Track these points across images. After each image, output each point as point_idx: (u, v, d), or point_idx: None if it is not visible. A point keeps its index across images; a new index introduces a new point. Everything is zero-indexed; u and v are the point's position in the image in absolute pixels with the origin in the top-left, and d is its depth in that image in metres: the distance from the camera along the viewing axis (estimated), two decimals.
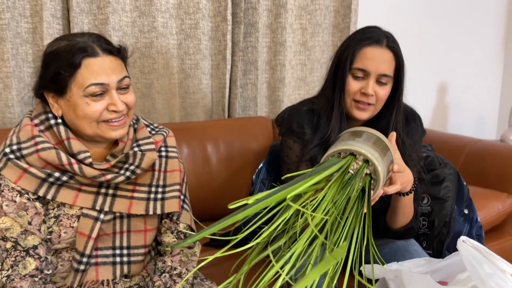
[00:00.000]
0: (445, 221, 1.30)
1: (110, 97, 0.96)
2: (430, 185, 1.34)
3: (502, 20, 2.71)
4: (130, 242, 1.04)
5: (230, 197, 1.62)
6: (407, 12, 2.39)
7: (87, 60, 0.94)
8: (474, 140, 1.89)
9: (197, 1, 1.81)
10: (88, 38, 0.98)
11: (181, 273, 1.05)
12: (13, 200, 0.94)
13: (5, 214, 0.93)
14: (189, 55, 1.87)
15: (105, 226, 1.01)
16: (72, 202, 0.97)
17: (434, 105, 2.64)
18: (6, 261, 0.92)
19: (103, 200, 0.99)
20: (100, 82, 0.94)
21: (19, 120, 1.68)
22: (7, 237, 0.93)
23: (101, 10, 1.69)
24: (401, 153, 1.19)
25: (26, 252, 0.93)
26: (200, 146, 1.63)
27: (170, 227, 1.09)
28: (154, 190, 1.06)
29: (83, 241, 0.97)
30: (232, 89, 1.97)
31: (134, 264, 1.05)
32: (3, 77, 1.61)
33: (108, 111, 0.97)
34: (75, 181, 0.98)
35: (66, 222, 0.98)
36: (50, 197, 0.96)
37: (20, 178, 0.94)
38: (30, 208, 0.95)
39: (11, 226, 0.93)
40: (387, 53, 1.15)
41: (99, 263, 1.02)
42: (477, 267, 0.65)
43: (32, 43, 1.66)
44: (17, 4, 1.61)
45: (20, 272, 0.92)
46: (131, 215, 1.04)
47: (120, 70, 0.98)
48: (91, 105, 0.95)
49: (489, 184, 1.70)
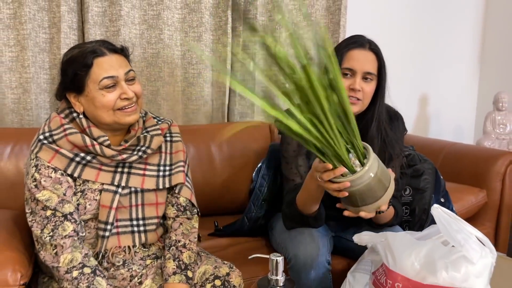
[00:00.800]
0: (424, 209, 1.47)
1: (120, 87, 1.14)
2: (411, 178, 1.51)
3: (478, 36, 2.92)
4: (144, 213, 1.21)
5: (232, 192, 1.80)
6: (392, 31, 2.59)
7: (97, 59, 1.13)
8: (451, 143, 2.08)
9: (201, 16, 1.97)
10: (95, 43, 1.18)
11: (185, 244, 1.21)
12: (49, 176, 1.12)
13: (44, 188, 1.11)
14: (192, 65, 2.02)
15: (123, 199, 1.18)
16: (95, 179, 1.15)
17: (416, 114, 2.82)
18: (47, 226, 1.09)
19: (120, 177, 1.18)
20: (110, 75, 1.12)
21: (37, 122, 1.82)
22: (47, 206, 1.10)
23: (113, 23, 1.85)
24: (384, 142, 1.36)
25: (64, 217, 1.10)
26: (205, 147, 1.78)
27: (171, 201, 1.26)
28: (162, 169, 1.25)
29: (106, 211, 1.15)
30: (231, 96, 2.12)
31: (150, 232, 1.22)
32: (23, 82, 1.75)
33: (121, 99, 1.14)
34: (97, 161, 1.16)
35: (90, 196, 1.16)
36: (77, 175, 1.14)
37: (53, 158, 1.12)
38: (63, 182, 1.13)
39: (50, 197, 1.10)
40: (370, 54, 1.32)
41: (119, 232, 1.19)
42: (447, 226, 0.81)
43: (49, 51, 1.81)
44: (37, 16, 1.76)
45: (61, 234, 1.09)
46: (144, 190, 1.21)
47: (125, 65, 1.17)
48: (106, 96, 1.12)
49: (463, 180, 1.88)
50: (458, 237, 0.79)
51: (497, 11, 2.85)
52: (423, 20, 2.70)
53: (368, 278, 0.92)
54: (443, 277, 0.77)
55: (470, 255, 0.77)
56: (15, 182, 1.47)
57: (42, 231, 1.09)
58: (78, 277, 1.06)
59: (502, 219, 1.85)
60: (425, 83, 2.76)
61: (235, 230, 1.62)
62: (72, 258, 1.08)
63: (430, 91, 2.80)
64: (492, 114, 2.59)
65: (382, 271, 0.86)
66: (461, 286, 0.77)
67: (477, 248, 0.78)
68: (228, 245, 1.51)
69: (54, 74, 1.82)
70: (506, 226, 1.85)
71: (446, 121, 2.89)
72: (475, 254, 0.78)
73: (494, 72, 2.88)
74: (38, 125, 1.79)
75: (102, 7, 1.83)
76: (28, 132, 1.50)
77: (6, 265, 1.05)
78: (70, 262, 1.07)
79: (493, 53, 2.89)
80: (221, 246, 1.53)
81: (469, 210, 1.77)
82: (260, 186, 1.61)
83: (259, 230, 1.63)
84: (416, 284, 0.80)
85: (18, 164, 1.49)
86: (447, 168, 1.92)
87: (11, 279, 1.04)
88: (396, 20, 2.62)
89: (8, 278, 1.04)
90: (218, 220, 1.69)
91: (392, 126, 1.41)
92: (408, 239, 0.84)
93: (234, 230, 1.62)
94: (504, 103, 2.55)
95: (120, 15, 1.83)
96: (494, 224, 1.86)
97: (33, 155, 1.14)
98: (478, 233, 0.83)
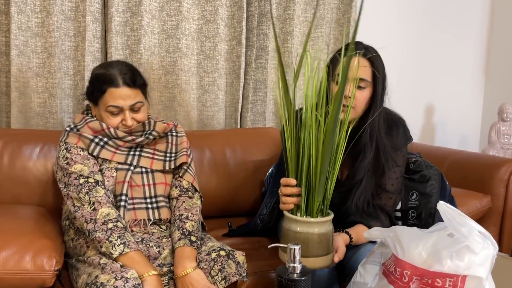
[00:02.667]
0: (431, 213, 1.52)
1: (123, 114, 1.37)
2: (417, 183, 1.57)
3: (483, 48, 3.00)
4: (156, 191, 1.40)
5: (245, 195, 1.87)
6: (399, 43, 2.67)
7: (110, 89, 1.34)
8: (456, 151, 2.15)
9: (216, 26, 2.07)
10: (118, 69, 1.36)
11: (188, 216, 1.36)
12: (78, 154, 1.34)
13: (75, 163, 1.32)
14: (207, 73, 2.11)
15: (135, 176, 1.39)
16: (111, 158, 1.37)
17: (422, 123, 2.88)
18: (82, 191, 1.28)
19: (132, 158, 1.41)
20: (116, 105, 1.35)
21: (61, 125, 1.92)
22: (81, 175, 1.30)
23: (134, 33, 1.95)
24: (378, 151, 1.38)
25: (96, 183, 1.30)
26: (220, 151, 1.85)
27: (175, 184, 1.46)
28: (168, 156, 1.47)
29: (120, 185, 1.36)
30: (244, 104, 2.21)
31: (162, 208, 1.40)
32: (49, 87, 1.84)
33: (122, 124, 1.39)
34: (113, 143, 1.39)
35: (107, 173, 1.37)
36: (96, 154, 1.36)
37: (78, 140, 1.37)
38: (90, 159, 1.35)
39: (82, 169, 1.31)
40: (363, 61, 1.33)
41: (135, 208, 1.36)
42: (451, 220, 0.87)
43: (73, 59, 1.90)
44: (63, 25, 1.86)
45: (95, 195, 1.27)
46: (153, 170, 1.42)
47: (134, 97, 1.36)
48: (110, 119, 1.38)
49: (468, 186, 1.94)
50: (462, 230, 0.85)
51: (502, 24, 2.93)
52: (430, 33, 2.78)
53: (378, 269, 0.99)
54: (448, 265, 0.84)
55: (473, 245, 0.84)
56: (43, 180, 1.56)
57: (78, 194, 1.27)
58: (112, 228, 1.21)
59: (505, 223, 1.91)
60: (431, 93, 2.84)
61: (248, 231, 1.69)
62: (109, 213, 1.25)
63: (436, 101, 2.88)
64: (497, 124, 2.66)
65: (391, 261, 0.93)
66: (464, 273, 0.83)
67: (479, 240, 0.85)
68: (241, 243, 1.58)
69: (77, 80, 1.92)
70: (509, 230, 1.90)
71: (452, 131, 2.96)
72: (477, 245, 0.84)
73: (499, 83, 2.95)
74: (62, 128, 1.89)
75: (124, 17, 1.94)
76: (56, 134, 1.59)
77: (43, 252, 1.14)
78: (107, 215, 1.24)
79: (498, 65, 2.96)
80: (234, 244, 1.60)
81: (474, 215, 1.83)
82: (273, 188, 1.68)
83: (270, 230, 1.70)
84: (423, 271, 0.86)
85: (46, 164, 1.58)
86: (453, 174, 1.98)
87: (47, 265, 1.12)
88: (404, 32, 2.70)
89: (44, 264, 1.12)
90: (230, 221, 1.76)
91: (390, 134, 1.41)
92: (416, 231, 0.91)
93: (247, 231, 1.69)
94: (508, 113, 2.62)
95: (141, 25, 1.93)
96: (498, 229, 1.92)
97: (62, 142, 1.37)
98: (481, 228, 0.90)
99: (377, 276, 0.99)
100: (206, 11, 2.06)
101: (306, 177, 1.11)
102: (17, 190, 1.54)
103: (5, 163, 1.54)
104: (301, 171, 1.12)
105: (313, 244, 1.09)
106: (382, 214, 1.41)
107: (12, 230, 1.20)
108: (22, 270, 1.12)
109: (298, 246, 0.99)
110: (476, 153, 2.28)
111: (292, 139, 1.13)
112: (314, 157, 1.09)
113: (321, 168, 1.06)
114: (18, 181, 1.54)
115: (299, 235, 1.08)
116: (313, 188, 1.10)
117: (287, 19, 2.20)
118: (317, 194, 1.09)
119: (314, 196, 1.10)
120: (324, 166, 1.06)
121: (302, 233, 1.09)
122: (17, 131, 1.67)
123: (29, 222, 1.27)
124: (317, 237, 1.09)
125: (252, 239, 1.65)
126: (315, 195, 1.10)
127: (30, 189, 1.54)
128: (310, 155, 1.10)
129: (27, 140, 1.59)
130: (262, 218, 1.68)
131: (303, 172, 1.11)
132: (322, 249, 1.09)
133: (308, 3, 2.25)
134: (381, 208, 1.41)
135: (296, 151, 1.13)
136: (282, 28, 2.23)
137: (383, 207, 1.41)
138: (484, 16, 2.97)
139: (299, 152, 1.12)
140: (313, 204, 1.11)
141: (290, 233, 1.10)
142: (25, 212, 1.38)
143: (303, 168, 1.11)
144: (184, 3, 1.99)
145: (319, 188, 1.08)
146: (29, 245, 1.15)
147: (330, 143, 1.04)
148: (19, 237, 1.17)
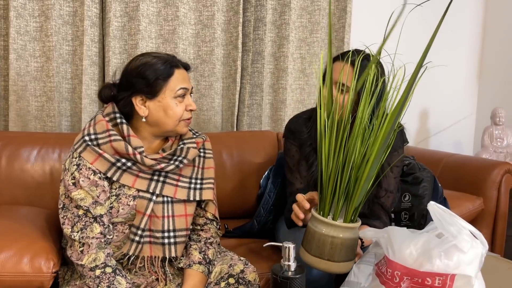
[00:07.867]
0: (423, 214, 1.55)
1: (187, 99, 1.24)
2: (410, 185, 1.60)
3: (476, 54, 3.04)
4: (175, 225, 1.24)
5: (241, 197, 1.88)
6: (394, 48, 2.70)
7: (178, 70, 1.22)
8: (450, 154, 2.18)
9: (213, 31, 2.09)
10: (167, 55, 1.24)
11: (212, 242, 1.30)
12: (88, 177, 1.17)
13: (81, 187, 1.16)
14: (204, 77, 2.14)
15: (156, 207, 1.22)
16: (132, 184, 1.20)
17: (417, 128, 2.92)
18: (77, 224, 1.15)
19: (155, 185, 1.22)
20: (185, 87, 1.22)
21: (59, 128, 1.93)
22: (81, 206, 1.15)
23: (132, 37, 1.97)
24: None
25: (94, 219, 1.16)
26: (216, 153, 1.87)
27: (199, 213, 1.34)
28: (193, 181, 1.30)
29: (140, 217, 1.21)
30: (240, 108, 2.23)
31: (179, 244, 1.25)
32: (47, 91, 1.86)
33: (187, 111, 1.24)
34: (136, 168, 1.20)
35: (124, 201, 1.20)
36: (115, 179, 1.19)
37: (96, 160, 1.17)
38: (99, 185, 1.17)
39: (85, 197, 1.16)
40: (347, 67, 1.36)
41: (151, 242, 1.23)
42: (441, 220, 0.90)
43: (71, 63, 1.93)
44: (61, 29, 1.88)
45: (88, 234, 1.15)
46: (174, 201, 1.25)
47: (190, 80, 1.27)
48: (178, 106, 1.21)
49: (461, 188, 1.97)
50: (451, 229, 0.88)
51: (495, 29, 2.97)
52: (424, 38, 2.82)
53: (372, 269, 1.01)
54: (437, 265, 0.86)
55: (462, 245, 0.86)
56: (41, 182, 1.58)
57: (72, 228, 1.15)
58: (100, 276, 1.12)
59: (498, 225, 1.94)
60: (425, 98, 2.87)
61: (245, 232, 1.71)
62: (96, 258, 1.13)
63: (431, 106, 2.92)
64: (490, 128, 2.69)
65: (383, 262, 0.95)
66: (454, 272, 0.86)
67: (468, 239, 0.87)
68: (238, 245, 1.60)
69: (75, 84, 1.94)
70: (502, 232, 1.93)
71: (446, 135, 2.99)
72: (466, 244, 0.86)
73: (492, 88, 2.99)
74: (59, 131, 1.90)
75: (121, 22, 1.96)
76: (54, 137, 1.61)
77: (40, 254, 1.15)
78: (93, 261, 1.13)
79: (491, 70, 3.00)
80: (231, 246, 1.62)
81: (467, 216, 1.85)
82: (269, 191, 1.70)
83: (266, 232, 1.72)
84: (413, 271, 0.88)
85: (44, 166, 1.59)
86: (446, 176, 2.01)
87: (45, 267, 1.13)
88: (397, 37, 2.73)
89: (42, 266, 1.13)
90: (227, 223, 1.78)
91: None
92: (407, 232, 0.94)
93: (243, 232, 1.71)
94: (501, 118, 2.65)
95: (138, 29, 1.95)
96: (491, 230, 1.95)
97: (76, 154, 1.18)
98: (471, 227, 0.92)
99: (370, 276, 1.01)
100: (202, 16, 2.09)
101: (346, 183, 1.07)
102: (15, 192, 1.55)
103: (4, 165, 1.56)
104: (341, 177, 1.07)
105: (346, 249, 1.05)
106: (383, 214, 1.44)
107: (10, 232, 1.22)
108: (20, 272, 1.13)
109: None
110: (469, 156, 2.31)
111: (332, 145, 1.09)
112: (357, 164, 1.06)
113: (368, 174, 1.03)
114: (16, 183, 1.55)
115: (332, 240, 1.04)
116: (352, 193, 1.06)
117: (283, 24, 2.23)
118: (356, 199, 1.06)
119: (352, 201, 1.06)
120: (371, 172, 1.03)
121: (337, 237, 1.04)
122: (16, 134, 1.68)
123: (27, 224, 1.29)
124: (350, 242, 1.05)
125: (248, 240, 1.67)
126: (354, 200, 1.06)
127: (28, 191, 1.55)
128: (354, 161, 1.06)
129: (25, 143, 1.60)
130: (259, 220, 1.70)
131: (344, 178, 1.06)
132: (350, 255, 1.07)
133: (304, 8, 2.28)
134: (381, 208, 1.44)
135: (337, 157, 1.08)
136: (278, 33, 2.26)
137: (383, 205, 1.44)
138: (478, 22, 3.01)
139: (341, 158, 1.07)
140: (349, 209, 1.07)
141: (322, 237, 1.05)
142: (23, 213, 1.40)
143: (343, 175, 1.06)
144: (181, 8, 2.02)
145: (360, 193, 1.05)
146: (27, 247, 1.16)
147: (382, 149, 1.02)
148: (17, 239, 1.18)
